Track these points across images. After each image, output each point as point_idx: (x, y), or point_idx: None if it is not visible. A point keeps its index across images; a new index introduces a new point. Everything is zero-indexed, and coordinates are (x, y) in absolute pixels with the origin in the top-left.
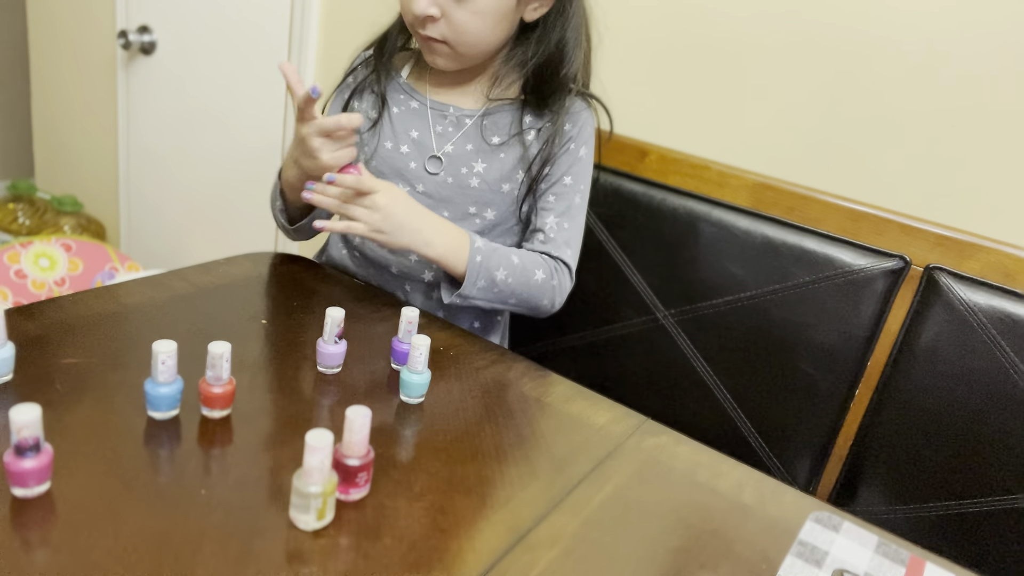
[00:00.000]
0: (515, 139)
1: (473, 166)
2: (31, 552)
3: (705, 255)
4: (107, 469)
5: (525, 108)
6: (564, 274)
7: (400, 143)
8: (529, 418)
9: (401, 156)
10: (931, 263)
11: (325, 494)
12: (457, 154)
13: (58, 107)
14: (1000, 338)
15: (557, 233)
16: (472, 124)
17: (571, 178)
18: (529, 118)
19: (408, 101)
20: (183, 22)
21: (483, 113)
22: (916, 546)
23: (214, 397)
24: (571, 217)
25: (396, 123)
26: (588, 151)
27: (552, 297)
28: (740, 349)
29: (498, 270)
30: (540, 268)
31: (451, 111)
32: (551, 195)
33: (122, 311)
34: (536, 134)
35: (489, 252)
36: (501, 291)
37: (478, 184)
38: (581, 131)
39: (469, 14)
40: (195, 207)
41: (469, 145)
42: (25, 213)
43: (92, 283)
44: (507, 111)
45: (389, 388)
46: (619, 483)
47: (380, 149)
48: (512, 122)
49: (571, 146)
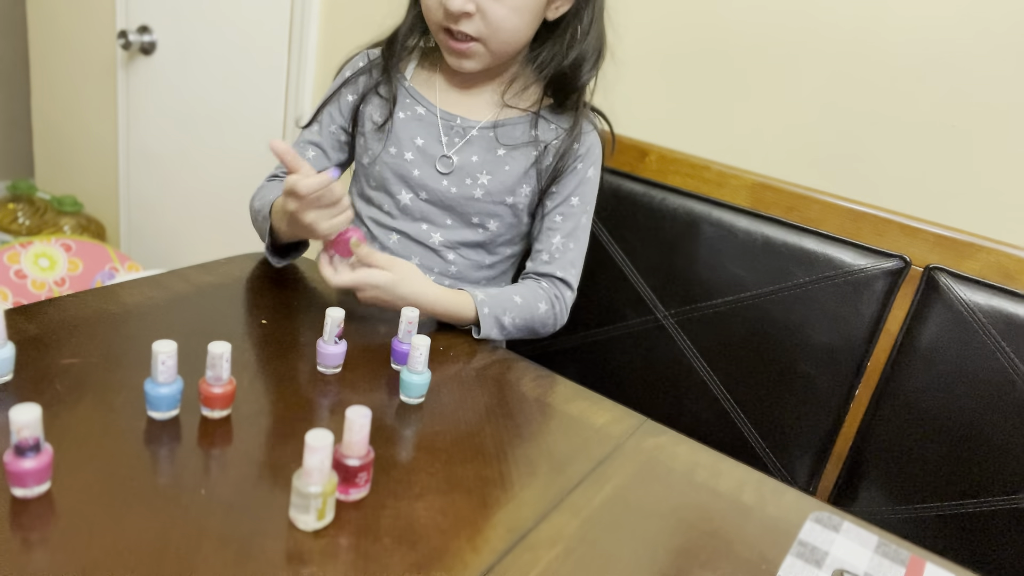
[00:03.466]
0: (522, 152)
1: (478, 177)
2: (31, 552)
3: (705, 255)
4: (107, 469)
5: (539, 120)
6: (565, 295)
7: (404, 149)
8: (529, 418)
9: (405, 163)
10: (931, 263)
11: (325, 494)
12: (462, 165)
13: (58, 107)
14: (1000, 338)
15: (563, 254)
16: (479, 135)
17: (578, 199)
18: (541, 131)
19: (414, 107)
20: (183, 22)
21: (494, 124)
22: (916, 546)
23: (214, 397)
24: (576, 238)
25: (400, 129)
26: (595, 172)
27: (555, 322)
28: (740, 349)
29: (505, 316)
30: (542, 301)
31: (458, 121)
32: (557, 215)
33: (122, 311)
34: (545, 149)
35: (493, 302)
36: (509, 332)
37: (482, 196)
38: (589, 151)
39: (507, 9)
40: (195, 207)
41: (475, 156)
42: (25, 213)
43: (92, 283)
44: (520, 123)
45: (389, 388)
46: (619, 483)
47: (384, 155)
48: (523, 134)
49: (579, 166)
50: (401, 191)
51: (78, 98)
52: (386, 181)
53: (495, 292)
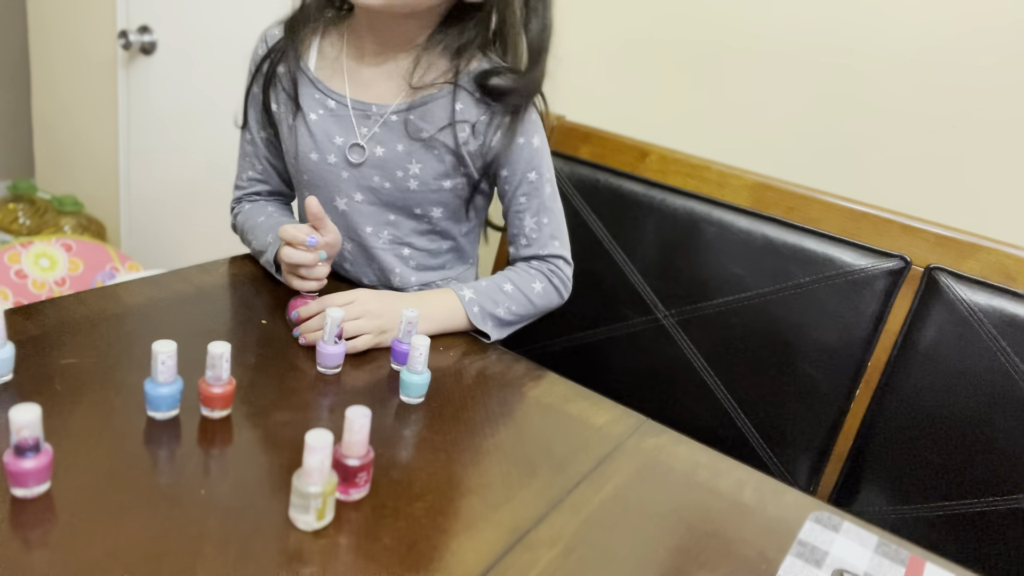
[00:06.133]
0: (447, 133)
1: (408, 168)
2: (31, 552)
3: (705, 255)
4: (107, 469)
5: (457, 96)
6: (560, 267)
7: (326, 153)
8: (529, 418)
9: (330, 168)
10: (931, 263)
11: (325, 494)
12: (389, 156)
13: (58, 107)
14: (1000, 338)
15: (539, 232)
16: (399, 120)
17: (535, 172)
18: (462, 107)
19: (324, 101)
20: (183, 22)
21: (408, 107)
22: (916, 546)
23: (214, 397)
24: (547, 210)
25: (316, 130)
26: (541, 138)
27: (560, 295)
28: (740, 349)
29: (497, 308)
30: (535, 280)
31: (374, 109)
32: (521, 196)
33: (122, 311)
34: (472, 129)
35: (483, 297)
36: (510, 322)
37: (417, 187)
38: (525, 122)
39: None
40: (195, 207)
41: (400, 146)
42: (25, 213)
43: (92, 283)
44: (437, 103)
45: (389, 388)
46: (619, 483)
47: (305, 162)
48: (443, 115)
49: (521, 140)
50: (335, 198)
51: (78, 98)
52: (318, 190)
53: (482, 285)
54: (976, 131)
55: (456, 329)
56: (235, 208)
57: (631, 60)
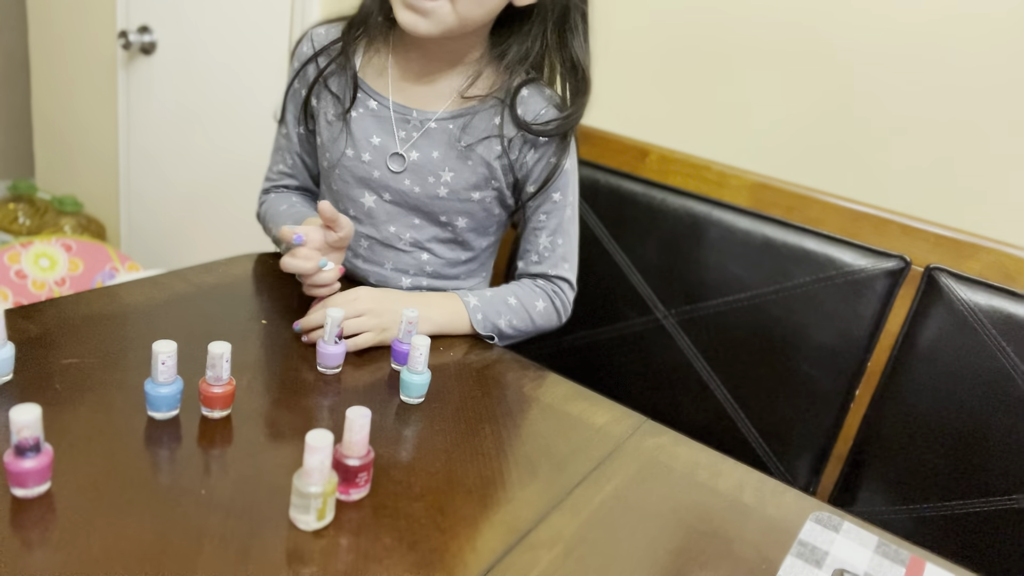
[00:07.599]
0: (485, 146)
1: (440, 175)
2: (31, 552)
3: (705, 255)
4: (107, 469)
5: (501, 111)
6: (564, 290)
7: (361, 151)
8: (529, 418)
9: (364, 165)
10: (931, 263)
11: (325, 494)
12: (423, 162)
13: (58, 107)
14: (1000, 338)
15: (552, 252)
16: (439, 128)
17: (559, 193)
18: (503, 122)
19: (366, 101)
20: (183, 22)
21: (453, 116)
22: (916, 546)
23: (214, 397)
24: (564, 232)
25: (355, 128)
26: (572, 162)
27: (559, 318)
28: (740, 349)
29: (499, 319)
30: (539, 299)
31: (414, 115)
32: (541, 213)
33: (122, 311)
34: (508, 143)
35: (487, 306)
36: (509, 335)
37: (446, 194)
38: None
39: None
40: (195, 207)
41: (435, 152)
42: (25, 213)
43: (92, 283)
44: (480, 115)
45: (389, 388)
46: (619, 483)
47: (342, 158)
48: (487, 126)
49: (553, 160)
50: (364, 194)
51: (78, 98)
52: (347, 185)
53: (487, 294)
54: (976, 131)
55: (456, 333)
56: (262, 198)
57: (631, 60)
